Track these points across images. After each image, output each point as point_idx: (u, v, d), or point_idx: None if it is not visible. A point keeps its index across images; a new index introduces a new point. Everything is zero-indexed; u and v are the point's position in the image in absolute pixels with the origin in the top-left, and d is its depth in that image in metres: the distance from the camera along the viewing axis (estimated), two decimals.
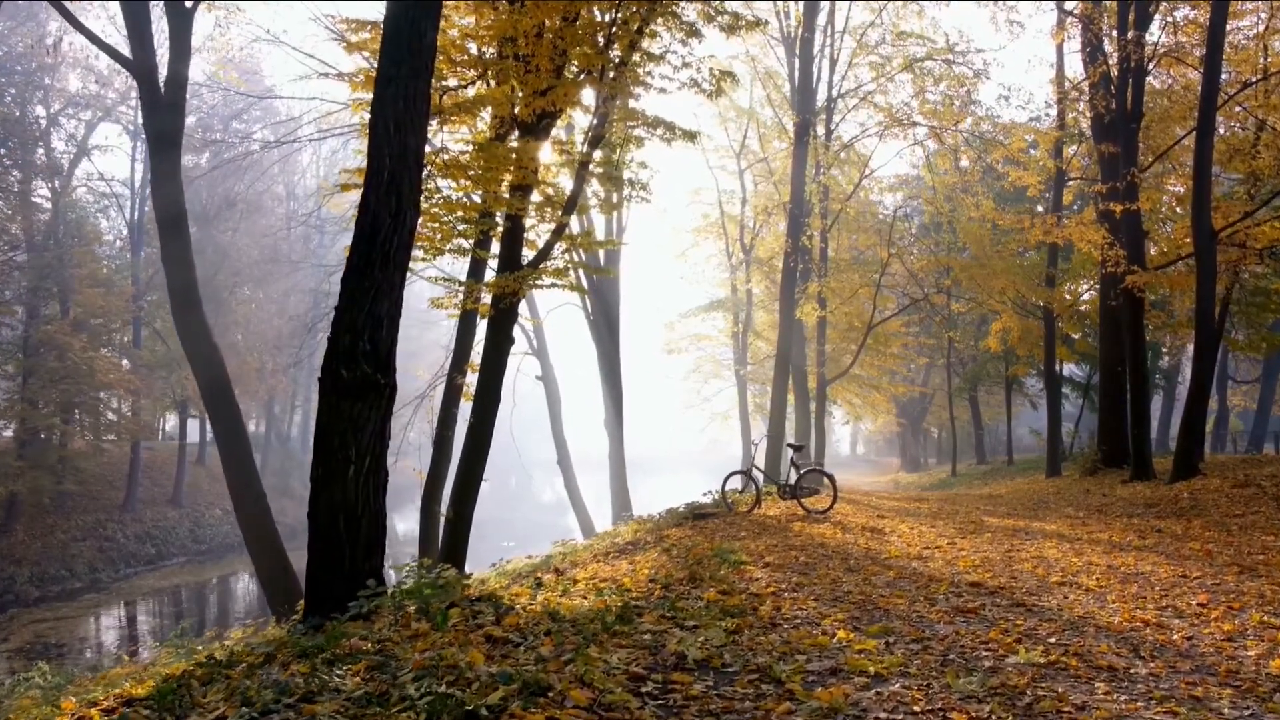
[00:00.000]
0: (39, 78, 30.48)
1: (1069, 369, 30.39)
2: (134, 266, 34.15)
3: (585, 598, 5.01)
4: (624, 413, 25.02)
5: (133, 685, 4.31)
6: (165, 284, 13.53)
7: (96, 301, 30.31)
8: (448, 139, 12.66)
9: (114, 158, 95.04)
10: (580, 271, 22.54)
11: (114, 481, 33.26)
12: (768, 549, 7.57)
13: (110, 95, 31.52)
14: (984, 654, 3.97)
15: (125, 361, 34.96)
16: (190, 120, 37.75)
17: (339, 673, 3.21)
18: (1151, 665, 3.92)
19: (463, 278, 14.12)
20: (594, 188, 14.56)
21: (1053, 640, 4.30)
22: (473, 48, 11.35)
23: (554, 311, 29.75)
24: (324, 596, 6.19)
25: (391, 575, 7.34)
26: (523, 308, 28.89)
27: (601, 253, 24.48)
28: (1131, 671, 3.80)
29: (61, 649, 20.56)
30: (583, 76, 11.42)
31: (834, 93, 23.54)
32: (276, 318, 39.00)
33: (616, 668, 3.35)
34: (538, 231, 13.33)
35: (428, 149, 10.99)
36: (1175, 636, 4.46)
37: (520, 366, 28.62)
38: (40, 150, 31.05)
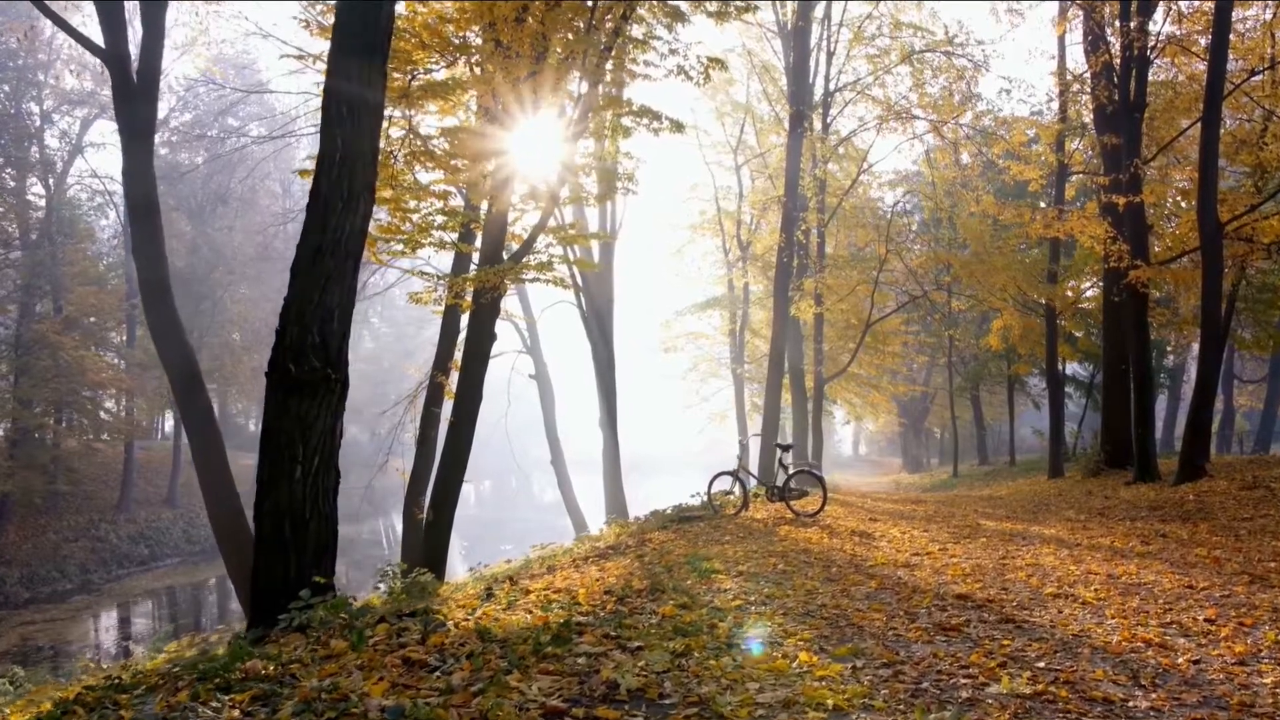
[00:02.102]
0: (33, 74, 30.19)
1: (1072, 368, 29.89)
2: (127, 264, 33.84)
3: (530, 612, 4.58)
4: (617, 412, 24.58)
5: (13, 712, 3.90)
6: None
7: (89, 300, 30.04)
8: (431, 128, 12.29)
9: (109, 154, 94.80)
10: (573, 267, 22.20)
11: (108, 481, 32.98)
12: (746, 555, 7.13)
13: (105, 92, 31.18)
14: (962, 682, 3.51)
15: (119, 360, 34.67)
16: (186, 117, 37.53)
17: (215, 705, 2.80)
18: (1153, 696, 3.45)
19: (450, 273, 13.76)
20: (581, 179, 14.16)
21: (1042, 665, 3.84)
22: (450, 32, 10.94)
23: (549, 309, 29.30)
24: (269, 606, 5.82)
25: None
26: (515, 305, 28.61)
27: (595, 247, 24.07)
28: (1130, 704, 3.34)
29: (47, 652, 20.26)
30: (567, 61, 11.02)
31: (831, 87, 23.12)
32: (273, 316, 38.64)
33: (533, 700, 2.92)
34: (523, 225, 12.96)
35: (400, 134, 10.62)
36: (1180, 660, 3.99)
37: (515, 365, 28.24)
38: (34, 147, 30.78)
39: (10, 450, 27.55)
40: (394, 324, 56.68)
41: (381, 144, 9.74)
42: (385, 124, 9.54)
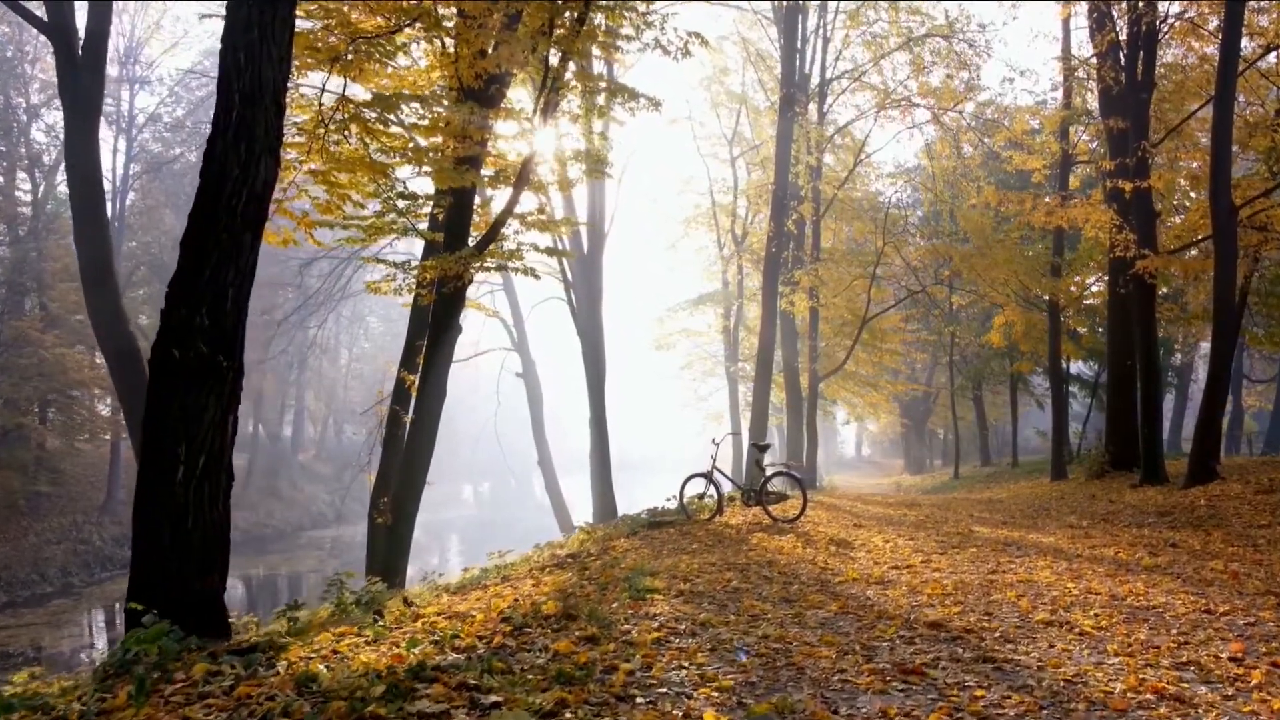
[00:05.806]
0: (18, 67, 29.58)
1: (1077, 367, 29.02)
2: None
3: (397, 645, 3.80)
4: (608, 410, 23.79)
5: None
6: (149, 278, 12.80)
7: (70, 296, 29.34)
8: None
9: (104, 150, 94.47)
10: (563, 260, 21.41)
11: (94, 482, 32.30)
12: (701, 568, 6.32)
13: None
14: None
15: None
16: (180, 112, 36.84)
17: None
18: None
19: (419, 261, 13.06)
20: (557, 161, 13.41)
21: None
22: None
23: (539, 306, 28.54)
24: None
25: None
26: (503, 301, 27.84)
27: (584, 237, 23.29)
28: None
29: (18, 658, 19.63)
30: (537, 33, 10.24)
31: (828, 75, 22.32)
32: (264, 314, 38.03)
33: None
34: (496, 210, 12.25)
35: (332, 101, 9.83)
36: None
37: (505, 363, 27.55)
38: (20, 141, 30.19)
39: None
40: (389, 321, 55.97)
41: (309, 115, 9.03)
42: (318, 92, 8.78)
